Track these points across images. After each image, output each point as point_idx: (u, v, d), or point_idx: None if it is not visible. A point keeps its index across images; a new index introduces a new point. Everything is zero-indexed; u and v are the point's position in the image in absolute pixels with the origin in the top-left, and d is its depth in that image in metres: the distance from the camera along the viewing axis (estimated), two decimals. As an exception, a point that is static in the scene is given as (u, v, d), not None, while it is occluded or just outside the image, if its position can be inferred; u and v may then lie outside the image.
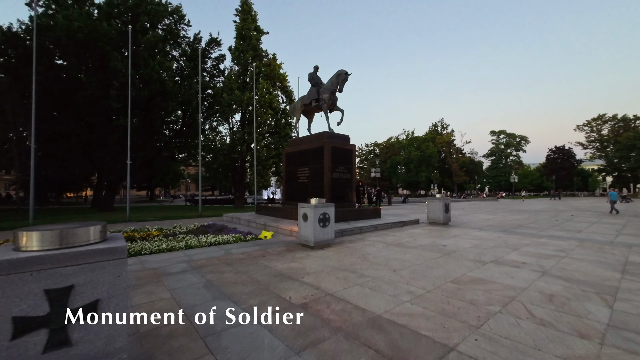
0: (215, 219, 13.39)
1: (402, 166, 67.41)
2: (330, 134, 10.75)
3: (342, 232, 8.28)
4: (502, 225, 10.67)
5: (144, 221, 12.82)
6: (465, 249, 6.34)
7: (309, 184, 10.98)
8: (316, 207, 6.45)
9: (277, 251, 6.25)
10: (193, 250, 6.37)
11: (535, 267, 4.94)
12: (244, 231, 8.86)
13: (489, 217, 14.15)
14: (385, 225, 9.75)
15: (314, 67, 11.96)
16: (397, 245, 6.77)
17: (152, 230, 8.90)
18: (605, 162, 63.18)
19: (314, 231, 6.40)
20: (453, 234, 8.45)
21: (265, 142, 22.34)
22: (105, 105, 16.73)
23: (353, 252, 6.13)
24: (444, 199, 10.82)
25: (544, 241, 7.37)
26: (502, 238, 7.82)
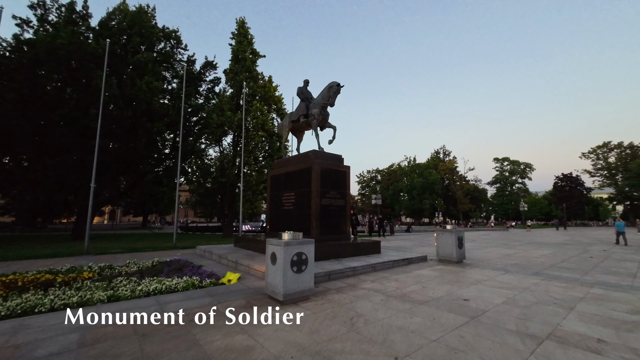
0: (187, 251, 11.52)
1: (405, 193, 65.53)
2: (320, 153, 9.23)
3: (330, 275, 6.42)
4: (530, 265, 8.71)
5: (104, 254, 10.99)
6: (497, 308, 4.45)
7: (294, 212, 9.26)
8: (288, 245, 4.69)
9: (231, 308, 4.41)
10: (115, 305, 4.55)
11: (624, 351, 3.06)
12: (207, 271, 7.03)
13: (508, 252, 12.13)
14: (385, 264, 7.86)
15: (304, 81, 10.76)
16: (401, 298, 4.90)
17: (87, 270, 7.07)
18: (615, 190, 61.01)
19: (284, 279, 4.60)
20: (473, 279, 6.53)
21: (257, 166, 20.93)
22: (84, 125, 15.59)
23: (338, 311, 4.27)
24: (456, 230, 8.98)
25: (600, 293, 5.45)
26: (541, 286, 5.90)
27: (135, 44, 19.02)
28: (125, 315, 4.07)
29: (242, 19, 22.00)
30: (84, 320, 3.92)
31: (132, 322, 3.84)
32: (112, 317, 4.03)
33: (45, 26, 17.97)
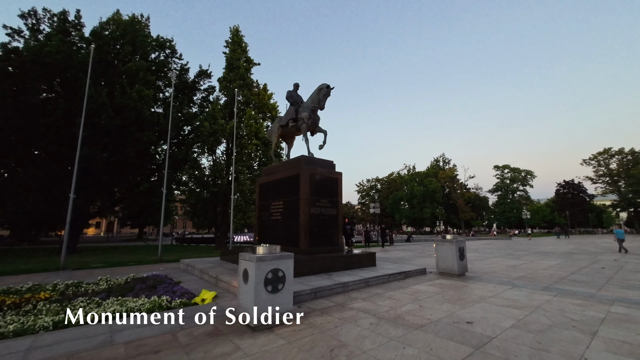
0: (171, 265, 10.83)
1: (405, 202, 64.77)
2: (309, 158, 8.67)
3: (316, 293, 5.74)
4: (538, 278, 8.00)
5: (82, 269, 10.29)
6: (506, 333, 3.78)
7: (282, 222, 8.63)
8: (261, 261, 4.06)
9: (191, 338, 3.74)
10: (58, 334, 3.88)
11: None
12: (183, 289, 6.36)
13: (513, 262, 11.40)
14: (380, 278, 7.17)
15: (294, 85, 10.32)
16: (394, 322, 4.23)
17: (50, 289, 6.39)
18: (619, 197, 60.13)
19: (256, 300, 3.95)
20: (477, 295, 5.84)
21: (251, 175, 20.35)
22: (71, 134, 15.12)
23: (317, 340, 3.60)
24: (456, 241, 8.32)
25: (623, 312, 4.76)
26: (554, 304, 5.21)
27: (127, 53, 18.79)
28: (63, 347, 3.41)
29: (236, 27, 21.88)
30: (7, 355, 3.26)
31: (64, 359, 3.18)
32: (42, 352, 3.36)
33: (36, 36, 17.81)
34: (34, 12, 17.79)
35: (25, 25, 17.58)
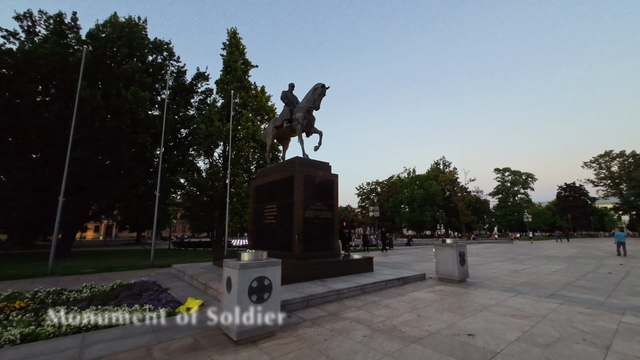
0: (162, 271, 10.51)
1: (406, 205, 64.37)
2: (303, 160, 8.39)
3: (308, 301, 5.42)
4: (542, 283, 7.67)
5: (70, 274, 9.98)
6: (511, 347, 3.46)
7: (276, 226, 8.33)
8: (245, 269, 3.76)
9: (166, 354, 3.42)
10: (25, 348, 3.57)
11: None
12: (169, 297, 6.06)
13: (516, 267, 11.05)
14: (377, 285, 6.84)
15: (289, 85, 10.07)
16: (389, 334, 3.91)
17: (29, 296, 6.07)
18: (621, 200, 59.69)
19: (240, 311, 3.64)
20: (479, 303, 5.52)
21: (248, 177, 20.07)
22: (65, 136, 14.88)
23: (304, 357, 3.28)
24: (457, 245, 8.00)
25: (636, 323, 4.43)
26: (561, 314, 4.88)
27: (124, 55, 18.65)
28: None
29: (233, 29, 21.77)
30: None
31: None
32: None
33: (32, 38, 17.66)
34: (29, 14, 17.65)
35: (20, 27, 17.45)
